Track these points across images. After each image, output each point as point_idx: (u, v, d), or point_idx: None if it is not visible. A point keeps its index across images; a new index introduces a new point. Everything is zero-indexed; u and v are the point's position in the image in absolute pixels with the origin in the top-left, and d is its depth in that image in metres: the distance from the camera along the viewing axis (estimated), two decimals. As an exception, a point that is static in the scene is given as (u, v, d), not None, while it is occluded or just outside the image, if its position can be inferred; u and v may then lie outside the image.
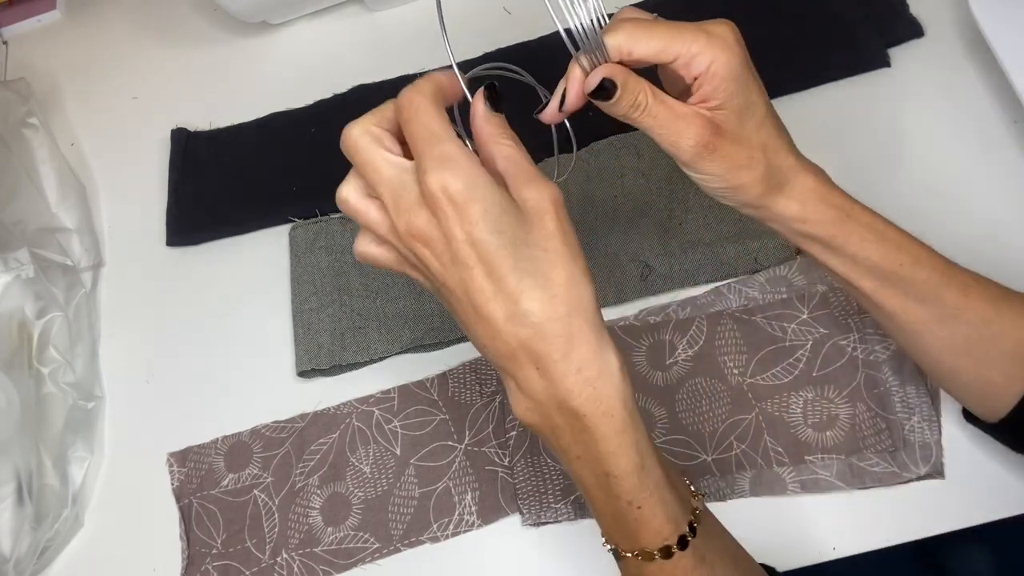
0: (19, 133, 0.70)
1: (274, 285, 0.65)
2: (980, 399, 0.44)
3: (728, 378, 0.54)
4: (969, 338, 0.41)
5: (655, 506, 0.36)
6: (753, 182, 0.40)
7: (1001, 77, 0.54)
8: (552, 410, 0.36)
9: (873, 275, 0.42)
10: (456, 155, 0.34)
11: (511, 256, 0.34)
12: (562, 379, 0.35)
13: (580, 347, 0.35)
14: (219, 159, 0.71)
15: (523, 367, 0.35)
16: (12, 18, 0.84)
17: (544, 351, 0.35)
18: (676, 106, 0.39)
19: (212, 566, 0.57)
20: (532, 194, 0.35)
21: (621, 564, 0.39)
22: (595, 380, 0.35)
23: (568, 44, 0.39)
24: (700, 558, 0.37)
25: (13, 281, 0.59)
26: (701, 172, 0.40)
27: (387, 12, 0.74)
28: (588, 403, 0.35)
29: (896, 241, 0.41)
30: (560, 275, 0.35)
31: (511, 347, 0.35)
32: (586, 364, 0.35)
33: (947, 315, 0.41)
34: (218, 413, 0.62)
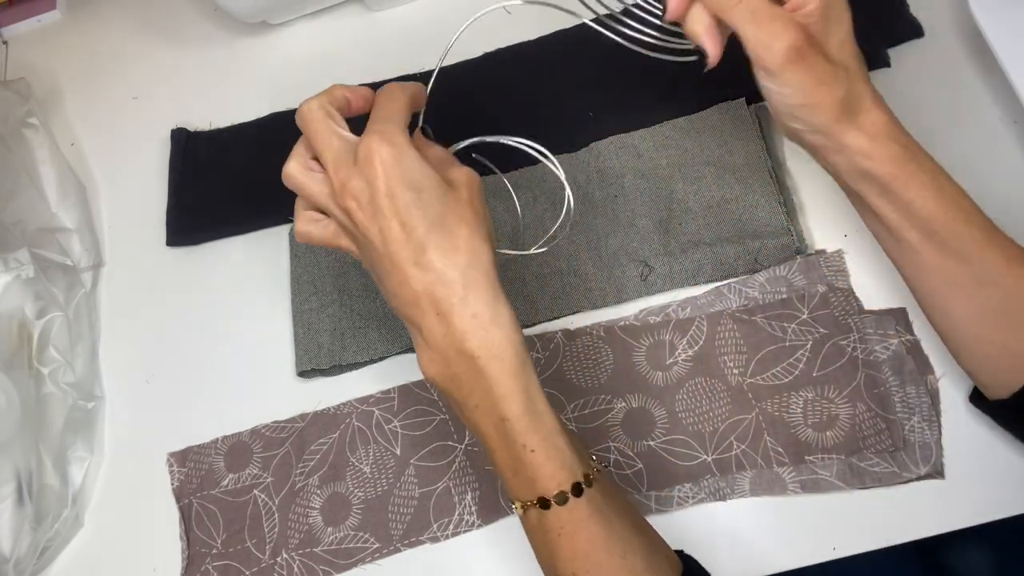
0: (19, 133, 0.70)
1: (274, 285, 0.65)
2: (996, 371, 0.43)
3: (728, 378, 0.54)
4: (1002, 305, 0.41)
5: (549, 450, 0.40)
6: (832, 103, 0.40)
7: (1001, 77, 0.54)
8: (452, 357, 0.40)
9: (923, 226, 0.42)
10: (396, 132, 0.40)
11: (423, 212, 0.39)
12: (459, 322, 0.39)
13: (475, 294, 0.39)
14: (219, 159, 0.71)
15: (426, 314, 0.40)
16: (12, 18, 0.84)
17: (443, 295, 0.39)
18: (773, 6, 0.39)
19: (212, 566, 0.57)
20: (456, 174, 0.42)
21: (525, 522, 0.41)
22: (488, 325, 0.39)
23: None
24: (596, 508, 0.39)
25: (13, 281, 0.59)
26: (784, 84, 0.40)
27: (387, 12, 0.74)
28: (481, 346, 0.39)
29: (953, 195, 0.42)
30: (463, 233, 0.40)
31: (416, 292, 0.40)
32: (480, 311, 0.39)
33: (986, 278, 0.41)
34: (218, 413, 0.62)
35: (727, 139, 0.59)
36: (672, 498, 0.52)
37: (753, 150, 0.58)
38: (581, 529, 0.39)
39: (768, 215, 0.57)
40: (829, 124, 0.41)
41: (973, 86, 0.59)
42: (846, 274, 0.55)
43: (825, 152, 0.43)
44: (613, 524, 0.40)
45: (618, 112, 0.63)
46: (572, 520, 0.39)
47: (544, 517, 0.40)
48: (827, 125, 0.41)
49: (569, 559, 0.40)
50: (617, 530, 0.40)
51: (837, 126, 0.41)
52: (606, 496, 0.41)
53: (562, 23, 0.67)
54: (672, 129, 0.61)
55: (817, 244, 0.57)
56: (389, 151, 0.39)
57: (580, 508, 0.39)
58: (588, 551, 0.39)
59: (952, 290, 0.42)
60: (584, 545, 0.39)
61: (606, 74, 0.65)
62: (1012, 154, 0.56)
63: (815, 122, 0.41)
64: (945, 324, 0.45)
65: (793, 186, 0.59)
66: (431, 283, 0.39)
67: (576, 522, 0.39)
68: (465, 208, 0.41)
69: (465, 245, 0.40)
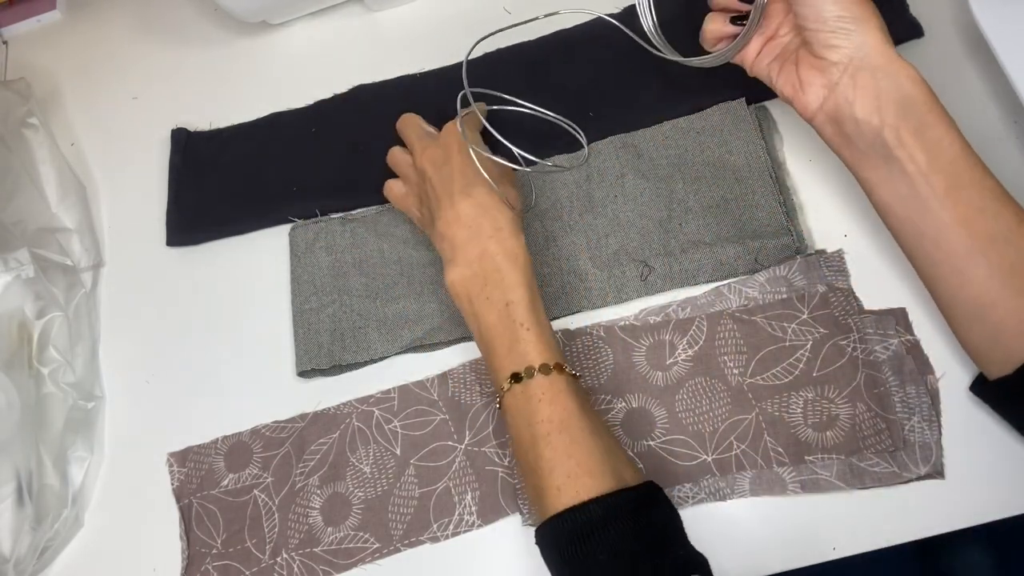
0: (19, 133, 0.70)
1: (274, 285, 0.65)
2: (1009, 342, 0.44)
3: (728, 378, 0.54)
4: (1014, 265, 0.42)
5: (542, 332, 0.49)
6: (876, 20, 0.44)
7: (1001, 77, 0.54)
8: (474, 260, 0.51)
9: (950, 171, 0.43)
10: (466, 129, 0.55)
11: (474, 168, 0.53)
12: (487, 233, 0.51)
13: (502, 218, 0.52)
14: (219, 159, 0.71)
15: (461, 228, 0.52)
16: (12, 18, 0.84)
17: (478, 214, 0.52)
18: None
19: (212, 566, 0.57)
20: None
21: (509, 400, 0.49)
22: (507, 237, 0.51)
23: None
24: (574, 388, 0.48)
25: (13, 281, 0.59)
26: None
27: (387, 12, 0.74)
28: (500, 249, 0.51)
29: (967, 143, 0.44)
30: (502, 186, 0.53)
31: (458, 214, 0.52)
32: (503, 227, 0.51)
33: (1001, 234, 0.43)
34: (218, 413, 0.62)
35: (727, 139, 0.59)
36: (672, 498, 0.52)
37: (753, 150, 0.58)
38: (560, 398, 0.47)
39: (768, 215, 0.57)
40: (879, 37, 0.44)
41: (973, 86, 0.59)
42: (846, 274, 0.55)
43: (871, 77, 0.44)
44: (587, 408, 0.48)
45: (618, 112, 0.63)
46: (553, 389, 0.47)
47: (528, 386, 0.48)
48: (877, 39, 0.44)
49: (546, 420, 0.46)
50: (589, 413, 0.48)
51: (887, 45, 0.44)
52: (582, 392, 0.49)
53: (562, 23, 0.67)
54: (672, 129, 0.61)
55: (817, 244, 0.57)
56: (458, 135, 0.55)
57: (561, 381, 0.48)
58: (564, 417, 0.46)
59: (971, 249, 0.43)
60: (561, 411, 0.47)
61: (606, 74, 0.65)
62: (1012, 154, 0.56)
63: (864, 34, 0.44)
64: (962, 291, 0.45)
65: (793, 186, 0.59)
66: (472, 206, 0.52)
67: (556, 391, 0.47)
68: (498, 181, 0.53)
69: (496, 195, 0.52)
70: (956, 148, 0.44)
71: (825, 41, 0.45)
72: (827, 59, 0.45)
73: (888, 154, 0.44)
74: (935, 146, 0.43)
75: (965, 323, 0.46)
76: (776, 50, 0.51)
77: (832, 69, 0.46)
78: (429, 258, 0.63)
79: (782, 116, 0.61)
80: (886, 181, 0.46)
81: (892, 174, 0.45)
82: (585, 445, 0.46)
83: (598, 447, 0.46)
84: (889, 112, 0.44)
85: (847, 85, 0.45)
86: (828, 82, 0.46)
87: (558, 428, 0.46)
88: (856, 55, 0.44)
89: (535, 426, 0.47)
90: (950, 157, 0.43)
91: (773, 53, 0.51)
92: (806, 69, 0.47)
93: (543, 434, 0.46)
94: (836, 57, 0.45)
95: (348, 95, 0.71)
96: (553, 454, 0.45)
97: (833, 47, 0.45)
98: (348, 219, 0.65)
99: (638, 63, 0.64)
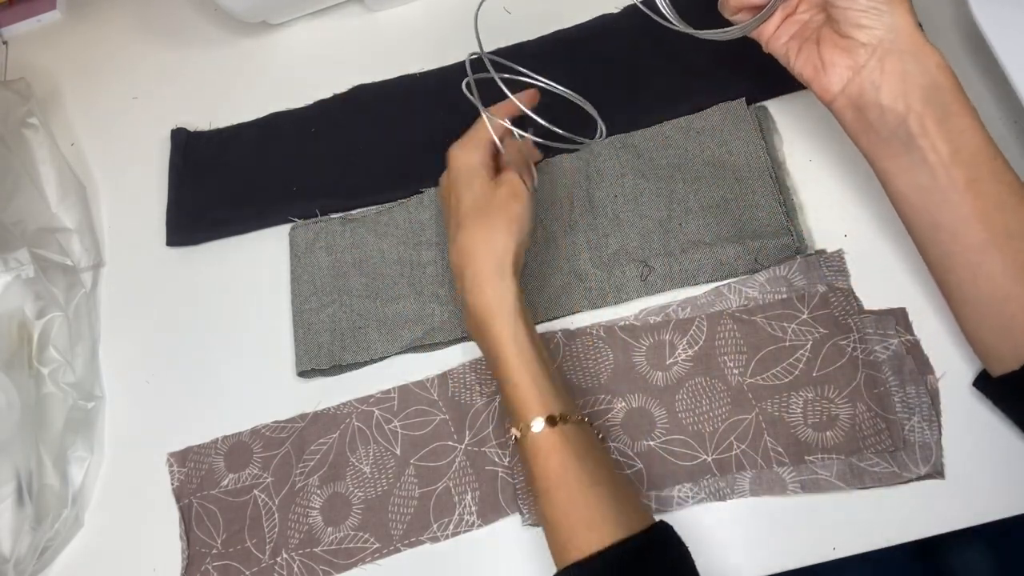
0: (19, 133, 0.70)
1: (274, 285, 0.65)
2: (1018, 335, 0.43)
3: (728, 378, 0.54)
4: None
5: (529, 387, 0.48)
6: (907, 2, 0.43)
7: (1001, 77, 0.54)
8: (467, 311, 0.51)
9: (971, 163, 0.43)
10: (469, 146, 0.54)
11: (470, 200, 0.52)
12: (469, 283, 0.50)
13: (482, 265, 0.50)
14: (219, 159, 0.71)
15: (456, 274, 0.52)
16: (12, 18, 0.84)
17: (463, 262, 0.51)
18: None
19: (212, 566, 0.57)
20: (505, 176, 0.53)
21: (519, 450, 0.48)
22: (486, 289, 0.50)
23: None
24: (568, 441, 0.47)
25: (13, 281, 0.59)
26: None
27: (387, 12, 0.74)
28: (480, 304, 0.50)
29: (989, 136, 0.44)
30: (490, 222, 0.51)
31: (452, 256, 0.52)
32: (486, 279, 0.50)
33: (1018, 231, 0.42)
34: (218, 413, 0.62)
35: (727, 139, 0.59)
36: (672, 498, 0.52)
37: (753, 150, 0.58)
38: (554, 454, 0.46)
39: (768, 215, 0.57)
40: (910, 21, 0.43)
41: (973, 86, 0.58)
42: (846, 274, 0.55)
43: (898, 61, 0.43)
44: (586, 460, 0.46)
45: (618, 112, 0.63)
46: (547, 446, 0.46)
47: (523, 442, 0.47)
48: (907, 22, 0.43)
49: (542, 478, 0.46)
50: (589, 466, 0.46)
51: (917, 29, 0.43)
52: (582, 438, 0.48)
53: (562, 23, 0.68)
54: (672, 129, 0.61)
55: (817, 244, 0.57)
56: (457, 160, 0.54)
57: (553, 436, 0.47)
58: (560, 473, 0.46)
59: (986, 244, 0.43)
60: (556, 468, 0.46)
61: (606, 74, 0.65)
62: (1012, 154, 0.56)
63: (895, 16, 0.43)
64: (971, 289, 0.44)
65: (793, 186, 0.59)
66: (457, 251, 0.51)
67: (550, 447, 0.46)
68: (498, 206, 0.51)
69: (487, 231, 0.51)
70: (979, 139, 0.43)
71: (855, 20, 0.43)
72: (855, 39, 0.44)
73: (910, 143, 0.44)
74: (958, 137, 0.43)
75: (975, 317, 0.45)
76: (794, 27, 0.49)
77: (860, 50, 0.44)
78: (429, 258, 0.63)
79: (782, 116, 0.61)
80: (905, 171, 0.45)
81: (912, 163, 0.44)
82: (584, 499, 0.45)
83: (599, 498, 0.45)
84: (915, 98, 0.43)
85: (874, 68, 0.44)
86: (854, 64, 0.44)
87: (555, 485, 0.46)
88: (886, 37, 0.43)
89: (535, 482, 0.47)
90: (972, 149, 0.43)
91: (791, 30, 0.49)
92: (830, 49, 0.45)
93: (543, 491, 0.46)
94: (865, 38, 0.44)
95: (348, 95, 0.71)
96: (553, 511, 0.45)
97: (863, 27, 0.43)
98: (348, 219, 0.65)
99: (638, 63, 0.65)
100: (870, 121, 0.45)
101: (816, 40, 0.47)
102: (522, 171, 0.53)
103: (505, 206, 0.51)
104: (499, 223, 0.51)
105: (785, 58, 0.49)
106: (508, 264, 0.50)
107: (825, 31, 0.46)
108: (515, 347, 0.49)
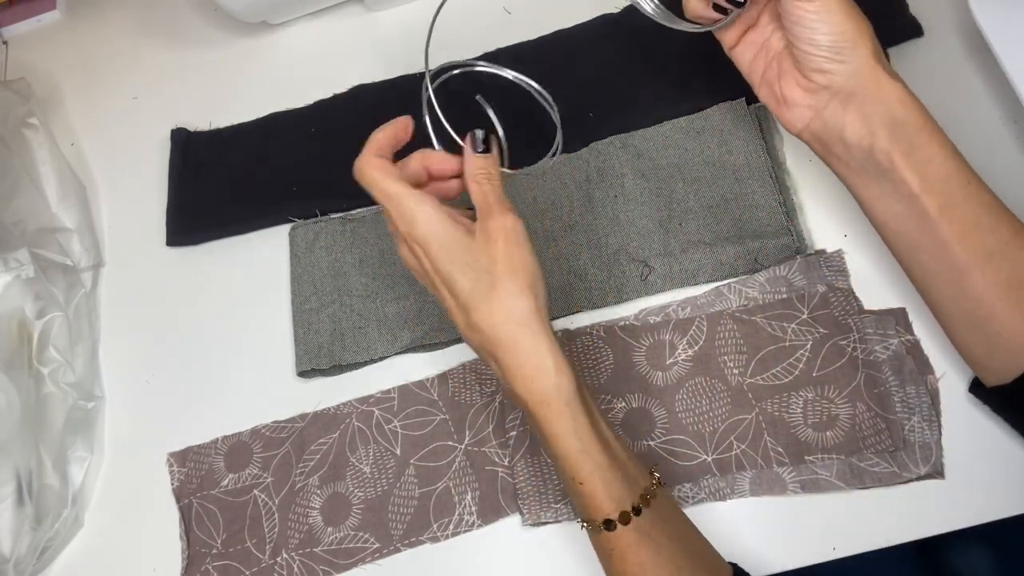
0: (19, 133, 0.70)
1: (274, 285, 0.65)
2: (1006, 352, 0.44)
3: (728, 378, 0.54)
4: (1011, 279, 0.42)
5: (596, 484, 0.42)
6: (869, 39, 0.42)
7: (1001, 77, 0.54)
8: (519, 400, 0.44)
9: (943, 190, 0.42)
10: (413, 207, 0.43)
11: (464, 278, 0.43)
12: (508, 373, 0.43)
13: (515, 348, 0.43)
14: (219, 159, 0.71)
15: (488, 360, 0.45)
16: (12, 18, 0.84)
17: (492, 351, 0.43)
18: None
19: (212, 566, 0.57)
20: (491, 224, 0.44)
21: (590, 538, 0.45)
22: (532, 375, 0.43)
23: None
24: (644, 534, 0.42)
25: (13, 281, 0.59)
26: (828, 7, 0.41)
27: (387, 12, 0.74)
28: (527, 393, 0.43)
29: (962, 159, 0.43)
30: (499, 293, 0.43)
31: (474, 346, 0.45)
32: (523, 362, 0.43)
33: (997, 249, 0.42)
34: (218, 413, 0.62)
35: (727, 139, 0.59)
36: (672, 498, 0.52)
37: (753, 150, 0.58)
38: (629, 553, 0.42)
39: (768, 215, 0.57)
40: (870, 62, 0.42)
41: (973, 86, 0.59)
42: (846, 274, 0.55)
43: (860, 102, 0.43)
44: (662, 549, 0.42)
45: (618, 112, 0.63)
46: (620, 545, 0.42)
47: (598, 538, 0.44)
48: (868, 64, 0.42)
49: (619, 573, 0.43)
50: (667, 554, 0.42)
51: (878, 67, 0.42)
52: (657, 520, 0.43)
53: (561, 23, 0.68)
54: (672, 129, 0.61)
55: (817, 244, 0.57)
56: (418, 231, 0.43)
57: (627, 534, 0.42)
58: (636, 573, 0.42)
59: (968, 264, 0.43)
60: (633, 568, 0.42)
61: (606, 74, 0.65)
62: (1012, 154, 0.56)
63: (857, 59, 0.42)
64: (959, 303, 0.44)
65: (793, 186, 0.59)
66: (481, 342, 0.44)
67: (624, 547, 0.42)
68: (500, 265, 0.43)
69: (500, 304, 0.43)
70: (949, 166, 0.43)
71: (816, 65, 0.43)
72: (816, 83, 0.44)
73: (880, 175, 0.44)
74: (926, 167, 0.42)
75: (963, 332, 0.46)
76: (757, 44, 0.48)
77: (821, 93, 0.44)
78: (429, 258, 0.63)
79: (782, 116, 0.61)
80: (878, 199, 0.45)
81: (884, 192, 0.44)
82: None
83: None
84: (880, 136, 0.43)
85: (836, 110, 0.44)
86: (816, 104, 0.44)
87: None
88: (848, 82, 0.43)
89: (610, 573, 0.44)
90: (942, 176, 0.42)
91: (752, 49, 0.48)
92: (791, 86, 0.45)
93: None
94: (826, 82, 0.43)
95: (348, 95, 0.71)
96: None
97: (824, 72, 0.43)
98: (348, 219, 0.65)
99: (638, 63, 0.65)
100: (837, 155, 0.45)
101: (778, 71, 0.46)
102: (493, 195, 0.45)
103: (508, 262, 0.43)
104: (511, 287, 0.43)
105: (747, 75, 0.49)
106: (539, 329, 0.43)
107: (786, 64, 0.46)
108: (577, 442, 0.43)
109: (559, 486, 0.53)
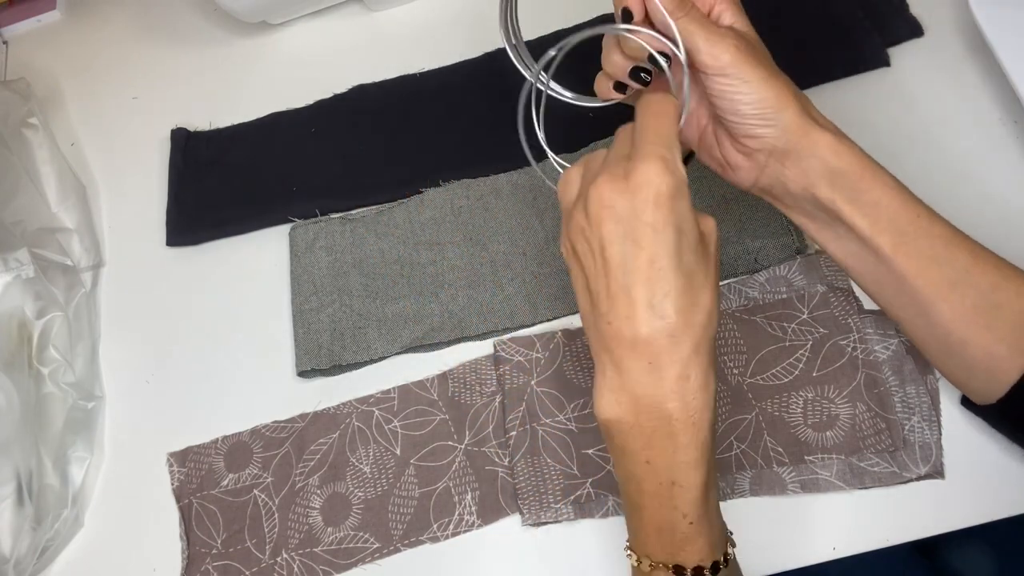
0: (19, 133, 0.70)
1: (274, 285, 0.65)
2: (985, 376, 0.43)
3: (728, 378, 0.54)
4: (977, 305, 0.42)
5: (704, 526, 0.39)
6: (794, 98, 0.42)
7: (1001, 77, 0.54)
8: (642, 408, 0.38)
9: (893, 229, 0.42)
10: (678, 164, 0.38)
11: (679, 260, 0.37)
12: (670, 380, 0.37)
13: (698, 358, 0.37)
14: (219, 159, 0.71)
15: (635, 357, 0.37)
16: (12, 18, 0.84)
17: (665, 348, 0.37)
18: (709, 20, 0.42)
19: (212, 566, 0.57)
20: (705, 225, 0.40)
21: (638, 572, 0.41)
22: (696, 391, 0.37)
23: None
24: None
25: (13, 281, 0.59)
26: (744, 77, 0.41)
27: (387, 12, 0.74)
28: (682, 409, 0.37)
29: (908, 194, 0.43)
30: (707, 294, 0.38)
31: (635, 332, 0.37)
32: (694, 375, 0.37)
33: (958, 278, 0.42)
34: (218, 413, 0.62)
35: (727, 139, 0.59)
36: (672, 498, 0.52)
37: (753, 150, 0.58)
38: None
39: (768, 215, 0.57)
40: (797, 120, 0.42)
41: (973, 86, 0.59)
42: (846, 274, 0.55)
43: (795, 159, 0.43)
44: None
45: (619, 112, 0.63)
46: None
47: None
48: (796, 122, 0.42)
49: None
50: None
51: (806, 123, 0.42)
52: None
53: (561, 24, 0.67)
54: (672, 129, 0.61)
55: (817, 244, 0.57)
56: (669, 186, 0.37)
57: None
58: None
59: (931, 295, 0.42)
60: None
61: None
62: (1012, 154, 0.56)
63: (784, 121, 0.42)
64: (931, 334, 0.44)
65: (793, 186, 0.59)
66: (658, 331, 0.37)
67: None
68: (712, 267, 0.39)
69: (704, 307, 0.38)
70: (895, 204, 0.42)
71: (746, 132, 0.43)
72: (750, 147, 0.44)
73: (831, 220, 0.44)
74: (873, 209, 0.42)
75: (940, 360, 0.46)
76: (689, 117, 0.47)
77: (758, 154, 0.44)
78: (429, 258, 0.63)
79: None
80: (833, 241, 0.45)
81: (839, 235, 0.44)
82: None
83: None
84: (821, 187, 0.43)
85: (775, 167, 0.44)
86: (756, 165, 0.45)
87: None
88: (779, 141, 0.43)
89: None
90: (890, 215, 0.42)
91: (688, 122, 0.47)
92: (730, 151, 0.45)
93: None
94: (759, 145, 0.43)
95: (348, 95, 0.71)
96: None
97: (755, 137, 0.43)
98: (348, 219, 0.65)
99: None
100: (788, 204, 0.46)
101: (714, 138, 0.46)
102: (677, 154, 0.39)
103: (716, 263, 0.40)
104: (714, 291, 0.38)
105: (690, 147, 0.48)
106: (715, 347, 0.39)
107: (720, 131, 0.45)
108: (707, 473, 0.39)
109: (559, 486, 0.53)
